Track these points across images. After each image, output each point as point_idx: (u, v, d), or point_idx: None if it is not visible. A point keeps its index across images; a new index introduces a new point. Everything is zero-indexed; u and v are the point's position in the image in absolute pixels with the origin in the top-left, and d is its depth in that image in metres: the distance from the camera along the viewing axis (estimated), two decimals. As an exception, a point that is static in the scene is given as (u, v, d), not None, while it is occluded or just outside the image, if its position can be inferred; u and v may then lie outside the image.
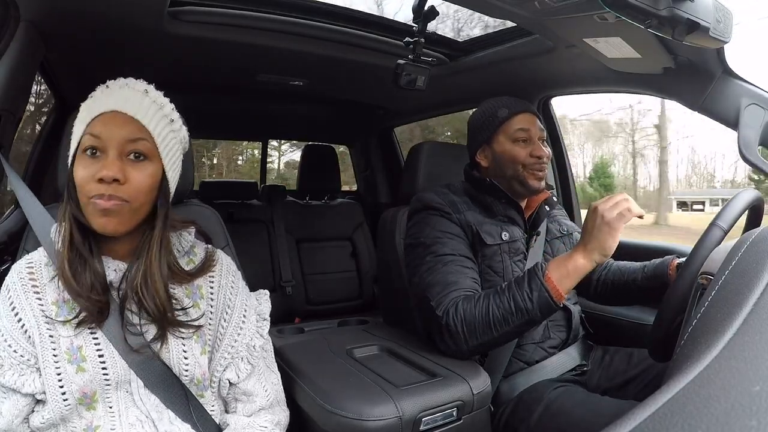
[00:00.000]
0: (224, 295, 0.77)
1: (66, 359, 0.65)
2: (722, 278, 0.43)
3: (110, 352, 0.67)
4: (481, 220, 1.10)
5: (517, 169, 1.11)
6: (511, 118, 1.12)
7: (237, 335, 0.76)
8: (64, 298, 0.67)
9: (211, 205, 1.06)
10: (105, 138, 0.65)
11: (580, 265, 0.90)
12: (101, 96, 0.69)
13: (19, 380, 0.65)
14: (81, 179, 0.65)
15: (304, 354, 1.05)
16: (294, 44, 1.29)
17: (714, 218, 0.78)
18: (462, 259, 1.04)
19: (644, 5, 0.66)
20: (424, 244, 1.08)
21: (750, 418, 0.24)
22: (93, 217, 0.65)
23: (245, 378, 0.76)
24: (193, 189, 1.04)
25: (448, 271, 1.02)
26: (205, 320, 0.74)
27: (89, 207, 0.65)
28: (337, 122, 2.43)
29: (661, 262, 1.10)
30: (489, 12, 0.95)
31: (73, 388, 0.64)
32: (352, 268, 2.37)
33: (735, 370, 0.29)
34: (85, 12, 1.01)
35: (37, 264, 0.70)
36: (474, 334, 0.93)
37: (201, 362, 0.71)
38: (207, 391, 0.73)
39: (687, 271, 0.75)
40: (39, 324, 0.66)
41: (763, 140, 0.96)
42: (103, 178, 0.64)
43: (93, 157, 0.66)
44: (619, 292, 1.17)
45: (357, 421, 0.78)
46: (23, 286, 0.67)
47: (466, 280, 1.01)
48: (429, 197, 1.14)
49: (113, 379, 0.66)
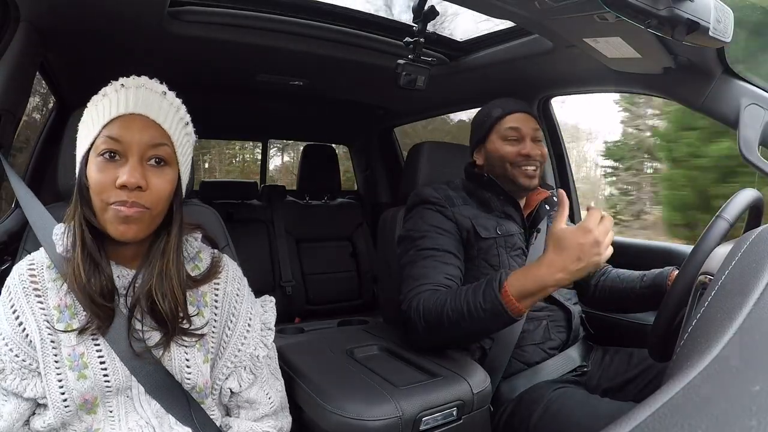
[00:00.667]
0: (229, 303, 0.75)
1: (68, 365, 0.63)
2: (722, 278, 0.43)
3: (112, 359, 0.65)
4: (477, 214, 1.12)
5: (506, 167, 1.12)
6: (503, 118, 1.14)
7: (241, 344, 0.75)
8: (66, 303, 0.65)
9: (210, 205, 1.06)
10: (125, 141, 0.63)
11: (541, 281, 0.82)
12: (117, 96, 0.65)
13: (21, 384, 0.64)
14: (99, 184, 0.62)
15: (304, 354, 1.05)
16: (294, 44, 1.29)
17: (719, 211, 0.77)
18: (443, 254, 1.05)
19: (644, 5, 0.66)
20: (412, 237, 1.10)
21: (750, 418, 0.24)
22: (112, 224, 0.63)
23: (247, 387, 0.75)
24: (193, 189, 1.04)
25: (424, 265, 1.03)
26: (209, 329, 0.72)
27: (108, 213, 0.63)
28: (337, 122, 2.43)
29: (660, 273, 1.10)
30: (489, 12, 0.95)
31: (74, 394, 0.63)
32: (352, 268, 2.37)
33: (735, 370, 0.29)
34: (84, 12, 1.01)
35: (39, 265, 0.68)
36: (431, 329, 0.94)
37: (203, 371, 0.70)
38: (208, 398, 0.72)
39: (687, 270, 0.74)
40: (41, 328, 0.64)
41: (763, 140, 0.96)
42: (126, 184, 0.61)
43: (111, 160, 0.63)
44: (616, 299, 1.18)
45: (357, 421, 0.78)
46: (24, 288, 0.65)
47: (437, 275, 1.01)
48: (425, 192, 1.16)
49: (114, 385, 0.65)
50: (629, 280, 1.16)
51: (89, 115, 0.66)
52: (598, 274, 1.23)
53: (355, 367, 0.97)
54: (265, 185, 2.47)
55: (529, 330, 1.06)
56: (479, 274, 1.07)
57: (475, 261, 1.09)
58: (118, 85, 0.66)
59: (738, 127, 0.97)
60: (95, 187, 0.63)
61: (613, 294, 1.18)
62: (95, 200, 0.63)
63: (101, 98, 0.66)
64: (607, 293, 1.20)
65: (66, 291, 0.66)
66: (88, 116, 0.66)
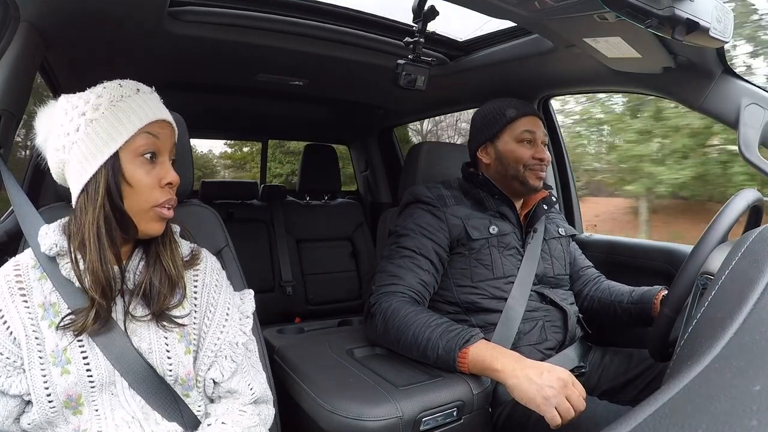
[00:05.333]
0: (208, 293, 0.77)
1: (51, 362, 0.64)
2: (722, 278, 0.43)
3: (95, 354, 0.66)
4: (469, 214, 1.12)
5: (519, 169, 1.13)
6: (518, 119, 1.15)
7: (220, 332, 0.76)
8: (51, 301, 0.67)
9: (210, 205, 1.06)
10: (162, 141, 0.69)
11: (495, 369, 0.83)
12: (142, 101, 0.68)
13: (6, 382, 0.64)
14: (146, 185, 0.67)
15: (304, 354, 1.05)
16: (294, 44, 1.29)
17: (719, 212, 0.78)
18: (421, 258, 1.06)
19: (644, 5, 0.66)
20: (396, 233, 1.12)
21: (750, 418, 0.24)
22: (149, 222, 0.68)
23: (229, 377, 0.76)
24: (193, 189, 1.04)
25: (400, 264, 1.05)
26: (189, 320, 0.74)
27: (150, 213, 0.68)
28: (337, 122, 2.43)
29: (648, 291, 1.12)
30: (489, 12, 0.95)
31: (58, 390, 0.64)
32: (352, 268, 2.37)
33: (735, 370, 0.29)
34: (85, 12, 1.01)
35: (24, 266, 0.69)
36: (386, 336, 0.97)
37: (185, 362, 0.71)
38: (193, 390, 0.73)
39: (687, 271, 0.74)
40: (25, 326, 0.65)
41: (763, 140, 0.96)
42: (173, 182, 0.68)
43: (151, 161, 0.68)
44: (605, 311, 1.21)
45: (357, 421, 0.78)
46: (9, 288, 0.66)
47: (411, 278, 1.03)
48: (419, 190, 1.17)
49: (98, 381, 0.66)
50: (618, 293, 1.19)
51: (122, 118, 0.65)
52: (591, 285, 1.26)
53: (355, 367, 0.97)
54: (265, 185, 2.47)
55: (525, 330, 1.06)
56: (472, 273, 1.08)
57: (467, 260, 1.09)
58: (132, 90, 0.68)
59: (738, 127, 0.97)
60: (143, 187, 0.67)
61: (602, 305, 1.21)
62: (138, 200, 0.67)
63: (119, 101, 0.66)
64: (596, 304, 1.23)
65: (51, 289, 0.67)
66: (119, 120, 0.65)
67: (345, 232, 2.41)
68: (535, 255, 1.14)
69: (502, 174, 1.16)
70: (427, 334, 0.91)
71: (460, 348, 0.87)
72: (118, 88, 0.68)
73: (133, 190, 0.66)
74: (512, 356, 0.84)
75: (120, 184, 0.65)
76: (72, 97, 0.68)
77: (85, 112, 0.66)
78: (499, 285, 1.08)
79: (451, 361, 0.88)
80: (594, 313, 1.23)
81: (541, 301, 1.11)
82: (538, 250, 1.15)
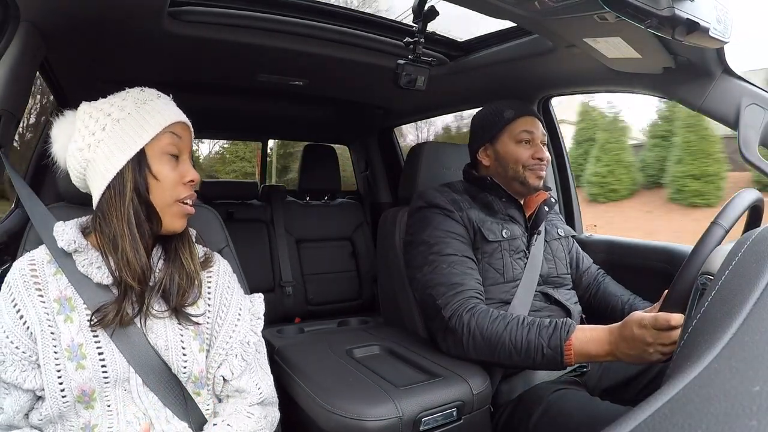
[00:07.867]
0: (221, 294, 0.79)
1: (66, 356, 0.65)
2: (722, 278, 0.43)
3: (110, 350, 0.67)
4: (483, 218, 1.12)
5: (518, 169, 1.14)
6: (517, 120, 1.15)
7: (232, 332, 0.77)
8: (66, 296, 0.68)
9: (210, 205, 1.06)
10: (183, 143, 0.73)
11: (600, 352, 0.86)
12: (163, 104, 0.72)
13: (20, 376, 0.65)
14: (172, 181, 0.71)
15: (304, 354, 1.05)
16: (294, 44, 1.29)
17: (715, 217, 0.78)
18: (465, 259, 1.05)
19: (644, 5, 0.66)
20: (427, 242, 1.08)
21: (750, 418, 0.24)
22: (173, 218, 0.72)
23: (239, 375, 0.77)
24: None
25: (453, 271, 1.03)
26: (203, 319, 0.75)
27: (174, 208, 0.71)
28: (337, 122, 2.43)
29: (643, 303, 1.14)
30: (489, 12, 0.95)
31: (72, 385, 0.65)
32: (352, 268, 2.37)
33: (735, 370, 0.29)
34: (85, 12, 1.01)
35: (39, 261, 0.70)
36: (476, 348, 0.95)
37: (199, 359, 0.72)
38: (204, 389, 0.74)
39: (687, 271, 0.74)
40: (41, 320, 0.66)
41: (763, 140, 0.96)
42: (195, 180, 0.73)
43: (175, 159, 0.72)
44: (601, 314, 1.22)
45: (357, 421, 0.78)
46: (25, 282, 0.68)
47: (470, 281, 1.02)
48: (431, 195, 1.15)
49: (112, 377, 0.67)
50: (615, 300, 1.20)
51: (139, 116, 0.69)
52: (593, 286, 1.27)
53: (355, 367, 0.97)
54: (265, 185, 2.47)
55: None
56: (483, 277, 1.08)
57: (479, 263, 1.09)
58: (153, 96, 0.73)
59: (738, 127, 0.97)
60: (169, 182, 0.70)
61: (600, 309, 1.22)
62: (163, 194, 0.70)
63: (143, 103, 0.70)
64: (594, 306, 1.24)
65: (66, 284, 0.68)
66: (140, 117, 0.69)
67: (345, 232, 2.41)
68: (538, 257, 1.14)
69: (503, 175, 1.16)
70: (525, 336, 0.90)
71: (565, 341, 0.87)
72: (141, 92, 0.72)
73: (159, 184, 0.69)
74: (606, 344, 0.85)
75: (147, 179, 0.69)
76: (95, 103, 0.72)
77: (111, 113, 0.69)
78: (507, 289, 1.09)
79: (559, 356, 0.87)
80: (594, 313, 1.24)
81: (545, 301, 1.11)
82: (541, 251, 1.16)
